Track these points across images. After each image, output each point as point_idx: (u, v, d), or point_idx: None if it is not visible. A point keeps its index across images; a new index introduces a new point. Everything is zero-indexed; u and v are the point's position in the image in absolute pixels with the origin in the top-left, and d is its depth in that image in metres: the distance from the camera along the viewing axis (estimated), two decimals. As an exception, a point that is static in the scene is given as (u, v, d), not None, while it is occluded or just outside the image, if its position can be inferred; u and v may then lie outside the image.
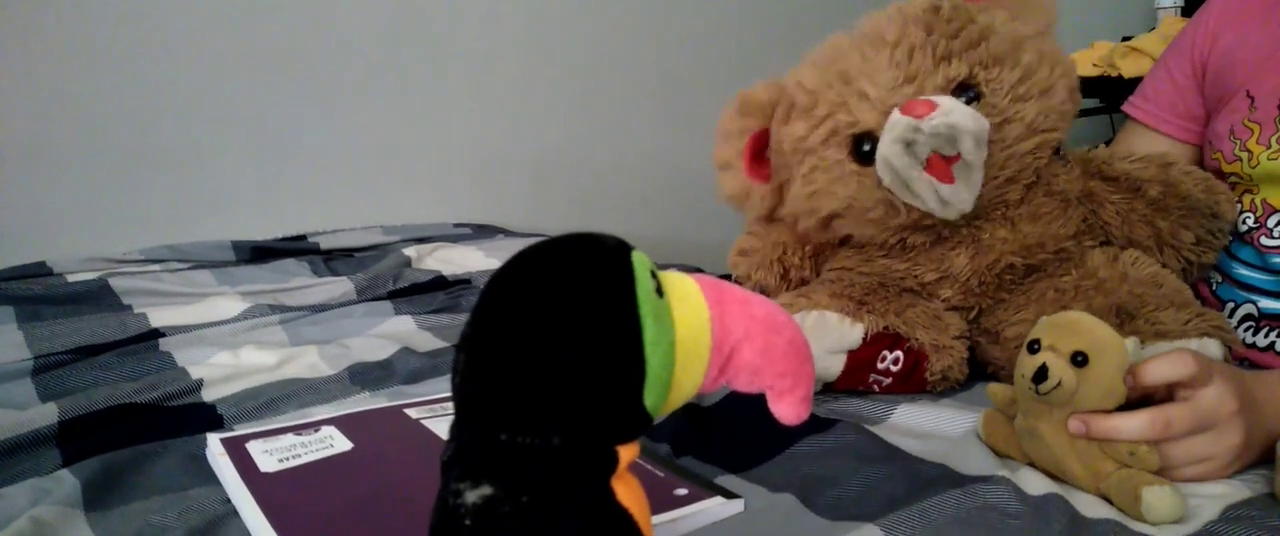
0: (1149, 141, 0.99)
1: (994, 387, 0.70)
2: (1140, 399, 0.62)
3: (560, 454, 0.38)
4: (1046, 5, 0.84)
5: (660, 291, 0.41)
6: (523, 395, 0.38)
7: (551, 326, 0.38)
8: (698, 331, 0.42)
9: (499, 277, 0.40)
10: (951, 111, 0.72)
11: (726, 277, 1.20)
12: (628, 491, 0.40)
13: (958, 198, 0.75)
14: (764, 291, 0.95)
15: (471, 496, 0.38)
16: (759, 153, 0.88)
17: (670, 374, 0.41)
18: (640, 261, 0.41)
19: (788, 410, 0.45)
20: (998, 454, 0.67)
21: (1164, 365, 0.60)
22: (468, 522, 0.37)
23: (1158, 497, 0.57)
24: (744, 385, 0.44)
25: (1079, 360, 0.59)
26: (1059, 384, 0.59)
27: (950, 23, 0.79)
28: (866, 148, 0.79)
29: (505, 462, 0.38)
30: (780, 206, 0.89)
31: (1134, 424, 0.60)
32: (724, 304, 0.43)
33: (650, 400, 0.40)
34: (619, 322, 0.39)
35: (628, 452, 0.40)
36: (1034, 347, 0.61)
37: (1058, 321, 0.62)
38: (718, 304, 0.43)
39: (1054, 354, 0.60)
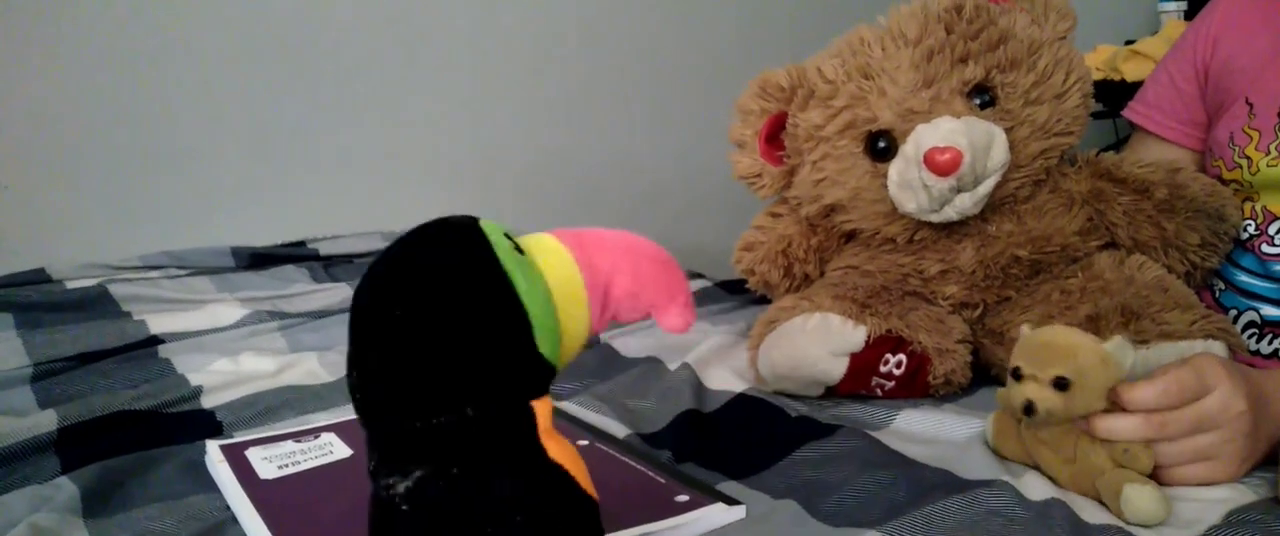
0: (1158, 150, 0.98)
1: (1003, 392, 0.70)
2: None
3: (477, 421, 0.39)
4: (1066, 11, 0.85)
5: (519, 249, 0.42)
6: (422, 380, 0.39)
7: (425, 307, 0.39)
8: (568, 273, 0.43)
9: (362, 288, 0.41)
10: (974, 160, 0.75)
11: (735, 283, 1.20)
12: (558, 448, 0.41)
13: (976, 209, 0.80)
14: (767, 285, 0.95)
15: (403, 484, 0.38)
16: (774, 135, 0.89)
17: (555, 319, 0.42)
18: (491, 227, 0.42)
19: (675, 319, 0.46)
20: (1007, 457, 0.67)
21: (1148, 392, 0.60)
22: (404, 508, 0.38)
23: (1136, 494, 0.57)
24: (629, 314, 0.45)
25: (1061, 385, 0.60)
26: (1048, 412, 0.60)
27: (971, 24, 0.80)
28: (881, 144, 0.81)
29: (427, 446, 0.39)
30: (789, 190, 0.90)
31: (1128, 424, 0.60)
32: (585, 245, 0.45)
33: (545, 348, 0.41)
34: (488, 282, 0.40)
35: (543, 408, 0.41)
36: (1017, 374, 0.62)
37: (1033, 344, 0.63)
38: (579, 247, 0.44)
39: (1036, 384, 0.61)
